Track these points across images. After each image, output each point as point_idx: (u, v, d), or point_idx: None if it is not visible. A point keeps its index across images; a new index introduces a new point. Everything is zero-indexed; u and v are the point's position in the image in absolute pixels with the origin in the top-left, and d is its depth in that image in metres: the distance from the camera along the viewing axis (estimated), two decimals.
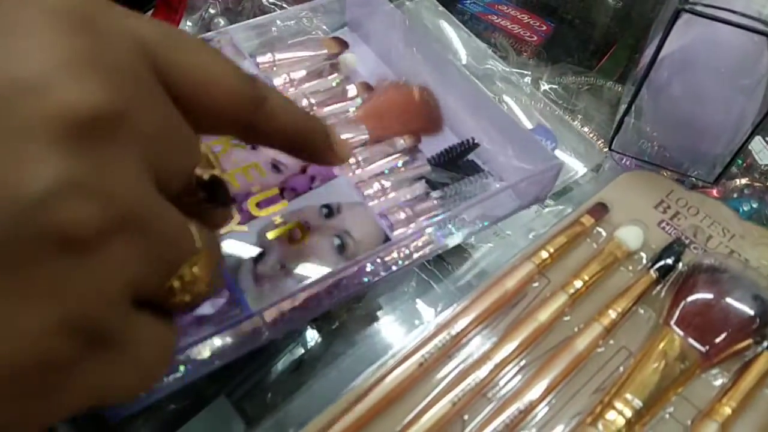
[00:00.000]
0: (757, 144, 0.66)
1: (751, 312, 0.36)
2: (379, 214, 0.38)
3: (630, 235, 0.40)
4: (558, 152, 0.47)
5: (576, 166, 0.47)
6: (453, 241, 0.39)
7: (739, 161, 0.66)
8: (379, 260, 0.37)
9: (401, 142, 0.43)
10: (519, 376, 0.35)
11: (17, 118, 0.15)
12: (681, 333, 0.35)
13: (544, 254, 0.39)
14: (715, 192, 0.48)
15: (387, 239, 0.36)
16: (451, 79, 0.46)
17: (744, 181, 0.65)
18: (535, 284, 0.39)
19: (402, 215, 0.39)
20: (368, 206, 0.38)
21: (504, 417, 0.32)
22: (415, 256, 0.39)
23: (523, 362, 0.35)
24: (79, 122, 0.15)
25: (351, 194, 0.38)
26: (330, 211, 0.37)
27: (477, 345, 0.36)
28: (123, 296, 0.17)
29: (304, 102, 0.44)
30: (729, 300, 0.36)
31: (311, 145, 0.26)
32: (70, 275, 0.15)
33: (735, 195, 0.51)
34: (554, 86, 0.55)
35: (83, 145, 0.15)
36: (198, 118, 0.20)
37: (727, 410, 0.33)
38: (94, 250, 0.15)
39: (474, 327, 0.36)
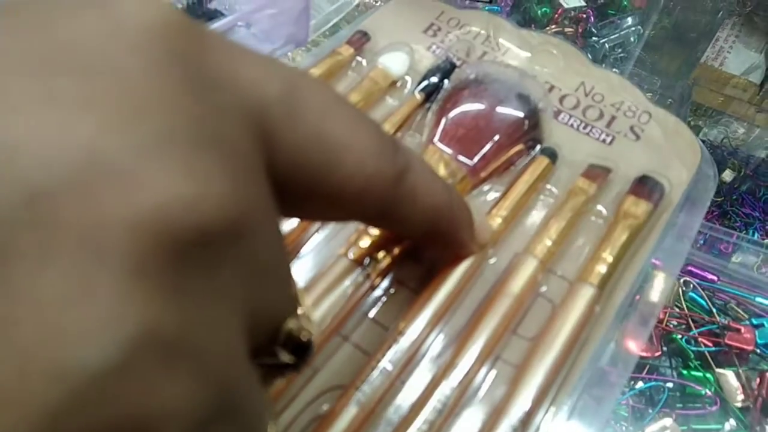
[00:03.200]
0: None
1: (520, 114, 0.33)
2: None
3: (393, 61, 0.36)
4: None
5: None
6: None
7: (546, 9, 0.64)
8: None
9: None
10: None
11: (72, 227, 0.08)
12: (445, 149, 0.32)
13: None
14: None
15: None
16: None
17: (554, 27, 0.63)
18: None
19: None
20: None
21: None
22: None
23: None
24: (185, 239, 0.09)
25: None
26: None
27: None
28: None
29: None
30: (492, 106, 0.32)
31: (453, 230, 0.20)
32: None
33: None
34: None
35: (183, 280, 0.09)
36: (311, 207, 0.14)
37: (497, 221, 0.30)
38: None
39: None
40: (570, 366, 0.27)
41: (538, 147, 0.33)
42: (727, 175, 0.65)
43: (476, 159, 0.31)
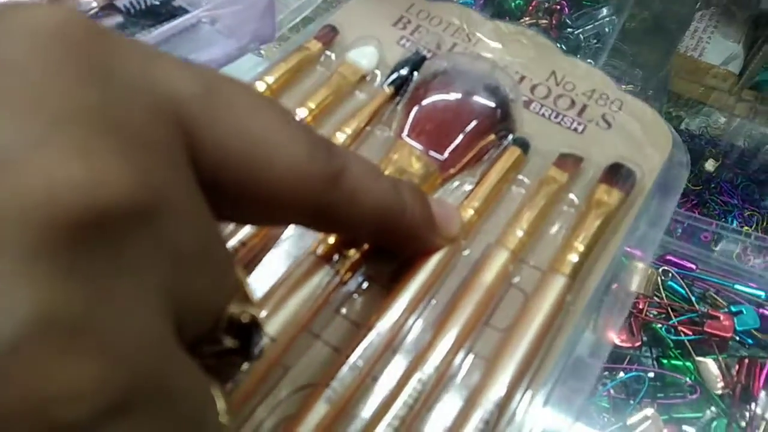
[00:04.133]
0: None
1: (490, 105, 0.32)
2: None
3: (362, 54, 0.36)
4: None
5: None
6: None
7: (520, 1, 0.64)
8: None
9: None
10: None
11: None
12: (414, 144, 0.31)
13: (261, 85, 0.33)
14: None
15: None
16: None
17: (528, 20, 0.63)
18: None
19: None
20: None
21: None
22: None
23: None
24: (78, 220, 0.09)
25: None
26: None
27: None
28: None
29: None
30: (462, 98, 0.32)
31: (406, 228, 0.20)
32: None
33: None
34: None
35: (81, 261, 0.09)
36: (244, 209, 0.14)
37: (470, 212, 0.30)
38: None
39: None
40: (543, 355, 0.27)
41: (510, 137, 0.33)
42: (710, 165, 0.66)
43: (446, 153, 0.31)
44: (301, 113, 0.32)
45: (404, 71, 0.35)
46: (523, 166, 0.33)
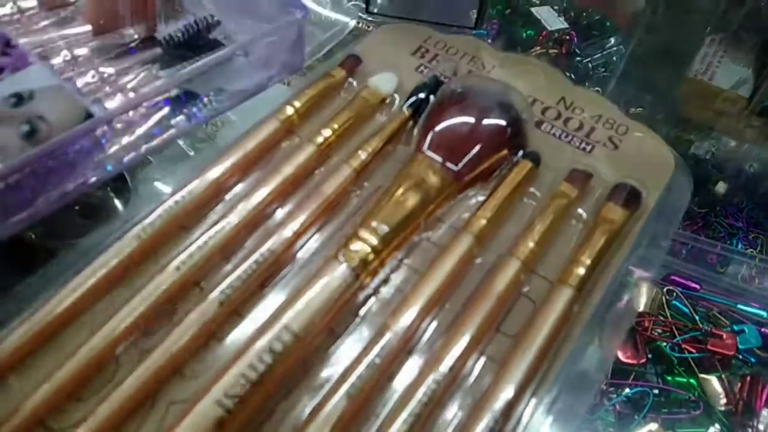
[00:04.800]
0: (545, 12, 0.66)
1: (502, 122, 0.35)
2: (94, 100, 0.34)
3: (382, 80, 0.38)
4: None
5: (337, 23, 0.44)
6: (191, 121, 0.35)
7: (531, 32, 0.67)
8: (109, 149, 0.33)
9: (130, 31, 0.39)
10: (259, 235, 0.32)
11: None
12: (431, 155, 0.33)
13: (290, 110, 0.36)
14: None
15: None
16: None
17: (539, 49, 0.65)
18: (285, 144, 0.36)
19: (120, 98, 0.34)
20: (67, 87, 0.33)
21: (243, 272, 0.29)
22: (155, 143, 0.35)
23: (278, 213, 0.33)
24: None
25: (50, 80, 0.33)
26: (19, 99, 0.32)
27: (214, 212, 0.33)
28: None
29: None
30: (477, 116, 0.34)
31: None
32: None
33: None
34: None
35: None
36: None
37: (482, 222, 0.32)
38: None
39: (208, 194, 0.32)
40: (550, 362, 0.29)
41: (521, 153, 0.35)
42: (721, 188, 0.66)
43: (461, 164, 0.33)
44: (326, 133, 0.35)
45: (422, 94, 0.37)
46: (534, 179, 0.34)
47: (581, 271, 0.30)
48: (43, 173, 0.31)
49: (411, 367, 0.28)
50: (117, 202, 0.41)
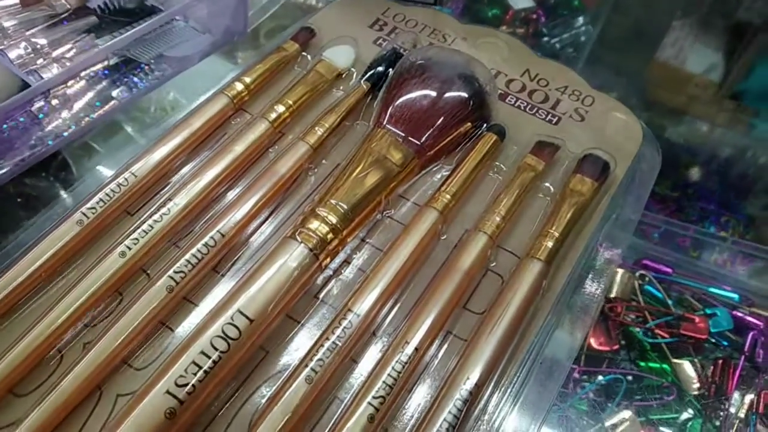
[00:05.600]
0: None
1: (465, 94, 0.33)
2: (29, 72, 0.31)
3: (338, 53, 0.36)
4: None
5: None
6: (133, 91, 0.33)
7: (497, 11, 0.65)
8: (48, 125, 0.31)
9: (62, 1, 0.36)
10: (210, 217, 0.30)
11: None
12: (393, 130, 0.32)
13: (239, 86, 0.34)
14: None
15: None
16: None
17: (505, 29, 0.64)
18: (235, 121, 0.34)
19: (56, 68, 0.32)
20: (1, 58, 0.31)
21: (192, 256, 0.27)
22: (96, 115, 0.33)
23: (230, 194, 0.31)
24: None
25: None
26: None
27: (160, 195, 0.31)
28: None
29: None
30: (438, 88, 0.33)
31: None
32: None
33: None
34: None
35: None
36: None
37: (447, 197, 0.30)
38: None
39: (154, 176, 0.30)
40: (518, 340, 0.27)
41: (485, 126, 0.33)
42: (695, 173, 0.66)
43: (424, 138, 0.31)
44: (279, 109, 0.33)
45: (381, 68, 0.35)
46: (499, 153, 0.33)
47: (550, 244, 0.29)
48: None
49: (375, 349, 0.27)
50: (62, 192, 0.39)
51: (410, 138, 0.31)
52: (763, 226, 0.62)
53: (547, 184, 0.32)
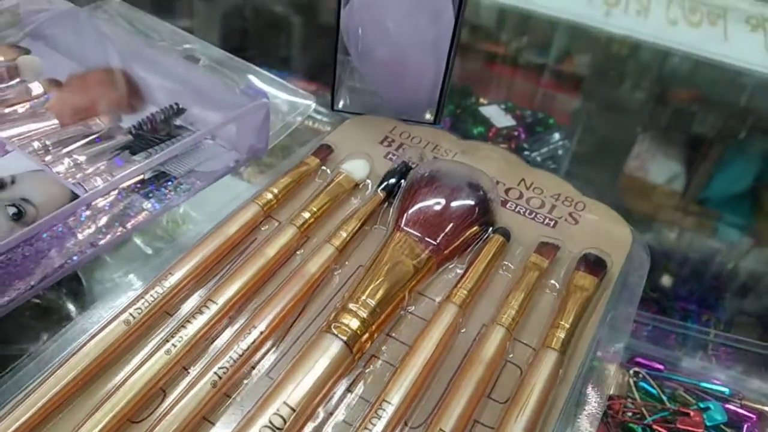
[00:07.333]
0: (493, 111, 0.71)
1: (472, 201, 0.37)
2: (74, 184, 0.34)
3: (356, 166, 0.40)
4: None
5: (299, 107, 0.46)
6: (164, 202, 0.36)
7: (481, 129, 0.71)
8: (81, 234, 0.33)
9: (97, 121, 0.40)
10: (247, 315, 0.32)
11: None
12: (410, 232, 0.35)
13: (269, 195, 0.37)
14: None
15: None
16: (152, 58, 0.44)
17: (488, 145, 0.70)
18: (264, 228, 0.37)
19: (98, 181, 0.35)
20: (50, 171, 0.34)
21: (233, 353, 0.29)
22: (129, 225, 0.35)
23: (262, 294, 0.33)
24: None
25: (28, 165, 0.34)
26: (1, 184, 0.32)
27: (198, 295, 0.33)
28: None
29: None
30: (448, 195, 0.36)
31: None
32: None
33: None
34: None
35: None
36: None
37: (463, 292, 0.33)
38: None
39: (193, 278, 0.32)
40: (542, 426, 0.29)
41: (491, 229, 0.37)
42: (666, 281, 0.69)
43: (439, 239, 0.34)
44: (305, 215, 0.36)
45: (393, 179, 0.39)
46: (505, 253, 0.36)
47: (562, 334, 0.32)
48: (16, 262, 0.31)
49: None
50: (70, 305, 0.40)
51: (426, 238, 0.34)
52: (742, 325, 0.65)
53: (552, 281, 0.35)
